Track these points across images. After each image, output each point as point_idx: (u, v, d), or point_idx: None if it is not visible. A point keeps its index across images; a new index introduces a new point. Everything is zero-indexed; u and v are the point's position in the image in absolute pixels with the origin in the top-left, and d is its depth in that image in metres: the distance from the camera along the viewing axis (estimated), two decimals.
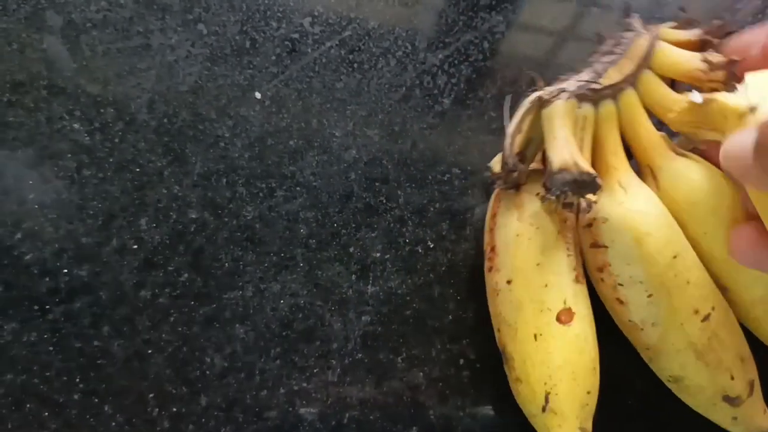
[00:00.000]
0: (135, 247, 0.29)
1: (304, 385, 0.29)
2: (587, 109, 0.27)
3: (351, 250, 0.32)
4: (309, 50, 0.34)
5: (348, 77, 0.34)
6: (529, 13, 0.39)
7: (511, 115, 0.28)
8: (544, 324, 0.26)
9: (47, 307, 0.28)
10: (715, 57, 0.26)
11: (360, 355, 0.30)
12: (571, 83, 0.27)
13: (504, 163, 0.27)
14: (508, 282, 0.27)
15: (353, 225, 0.32)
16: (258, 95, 0.33)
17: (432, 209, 0.33)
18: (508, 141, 0.27)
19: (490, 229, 0.29)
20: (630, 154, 0.29)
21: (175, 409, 0.28)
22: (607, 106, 0.27)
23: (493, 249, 0.29)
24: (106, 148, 0.30)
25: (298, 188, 0.32)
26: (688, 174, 0.27)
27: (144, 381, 0.28)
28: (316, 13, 0.35)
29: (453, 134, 0.35)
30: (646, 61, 0.27)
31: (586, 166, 0.25)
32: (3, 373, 0.27)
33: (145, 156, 0.31)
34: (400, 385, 0.30)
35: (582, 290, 0.28)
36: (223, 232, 0.30)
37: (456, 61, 0.36)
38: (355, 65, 0.35)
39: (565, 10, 0.39)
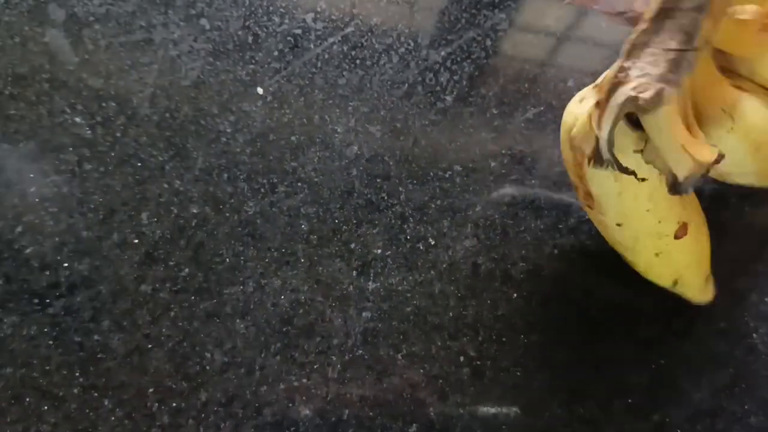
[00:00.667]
0: (136, 241, 0.29)
1: (304, 381, 0.29)
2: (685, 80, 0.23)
3: (352, 246, 0.32)
4: (311, 46, 0.34)
5: (350, 73, 0.34)
6: (532, 11, 0.39)
7: None
8: (663, 245, 0.29)
9: (47, 300, 0.28)
10: None
11: (360, 352, 0.30)
12: (657, 59, 0.22)
13: (597, 155, 0.25)
14: (618, 225, 0.29)
15: (354, 221, 0.32)
16: (260, 91, 0.33)
17: (433, 206, 0.33)
18: (604, 138, 0.24)
19: (579, 176, 0.28)
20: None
21: (174, 404, 0.28)
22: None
23: (588, 194, 0.29)
24: (107, 142, 0.30)
25: (299, 184, 0.32)
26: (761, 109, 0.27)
27: (144, 375, 0.28)
28: (318, 9, 0.35)
29: (455, 131, 0.35)
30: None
31: (708, 156, 0.22)
32: (3, 367, 0.27)
33: (146, 150, 0.31)
34: (399, 382, 0.30)
35: (690, 198, 0.30)
36: (224, 227, 0.30)
37: (458, 59, 0.36)
38: (358, 62, 0.35)
39: (568, 9, 0.39)
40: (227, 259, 0.30)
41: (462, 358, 0.31)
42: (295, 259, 0.31)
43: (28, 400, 0.27)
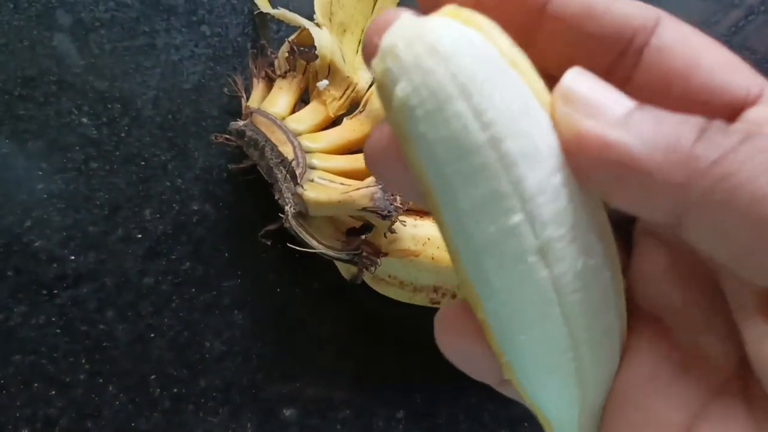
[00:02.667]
0: (139, 236, 0.31)
1: (299, 368, 0.31)
2: None
3: None
4: None
5: None
6: None
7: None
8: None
9: (55, 292, 0.30)
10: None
11: (351, 343, 0.32)
12: None
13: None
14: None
15: None
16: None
17: None
18: None
19: None
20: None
21: (175, 390, 0.30)
22: None
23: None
24: (112, 142, 0.32)
25: None
26: None
27: (146, 363, 0.30)
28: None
29: None
30: None
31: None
32: (12, 354, 0.29)
33: (149, 150, 0.32)
34: (388, 370, 0.32)
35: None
36: (223, 224, 0.32)
37: None
38: None
39: None
40: (226, 254, 0.32)
41: None
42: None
43: (36, 385, 0.28)
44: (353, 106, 0.31)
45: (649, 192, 0.11)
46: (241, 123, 0.30)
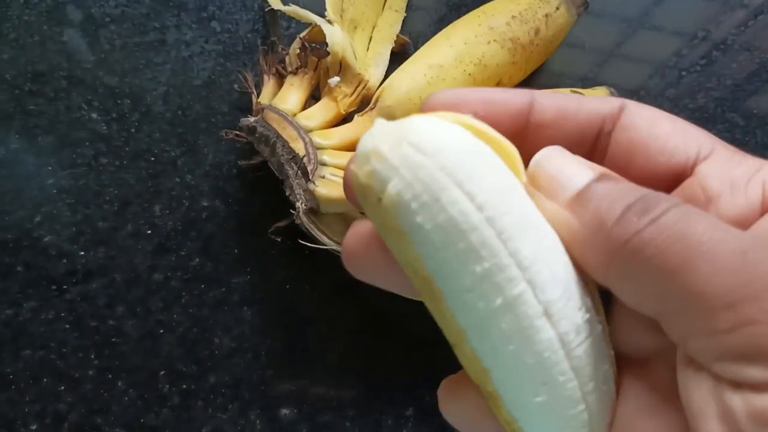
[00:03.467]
0: (149, 232, 0.31)
1: (308, 365, 0.31)
2: None
3: None
4: None
5: None
6: None
7: None
8: None
9: (65, 287, 0.30)
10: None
11: (359, 340, 0.32)
12: None
13: None
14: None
15: None
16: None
17: None
18: None
19: None
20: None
21: (184, 386, 0.30)
22: None
23: None
24: (122, 137, 0.32)
25: None
26: None
27: (156, 359, 0.30)
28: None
29: None
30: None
31: None
32: (22, 349, 0.29)
33: (159, 146, 0.32)
34: (397, 368, 0.32)
35: None
36: (232, 220, 0.32)
37: None
38: None
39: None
40: (235, 250, 0.32)
41: None
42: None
43: (45, 380, 0.28)
44: (364, 103, 0.31)
45: (588, 263, 0.14)
46: (251, 119, 0.30)
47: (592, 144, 0.16)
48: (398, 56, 0.34)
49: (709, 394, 0.12)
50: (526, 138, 0.16)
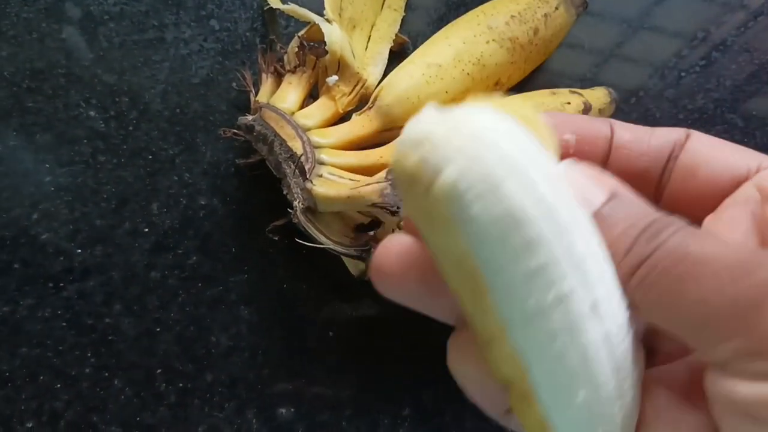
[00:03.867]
0: (146, 230, 0.31)
1: (305, 365, 0.31)
2: None
3: None
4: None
5: None
6: None
7: None
8: None
9: (61, 285, 0.30)
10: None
11: (357, 339, 0.32)
12: None
13: None
14: None
15: None
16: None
17: None
18: None
19: None
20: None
21: (181, 385, 0.29)
22: None
23: None
24: (120, 135, 0.32)
25: None
26: None
27: (153, 357, 0.30)
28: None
29: None
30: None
31: None
32: (19, 347, 0.29)
33: (157, 144, 0.32)
34: (394, 368, 0.32)
35: None
36: (230, 218, 0.32)
37: None
38: None
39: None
40: (233, 249, 0.32)
41: None
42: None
43: (42, 378, 0.28)
44: (362, 102, 0.31)
45: None
46: (250, 118, 0.30)
47: (665, 165, 0.17)
48: (397, 55, 0.34)
49: (729, 392, 0.12)
50: (606, 160, 0.17)
